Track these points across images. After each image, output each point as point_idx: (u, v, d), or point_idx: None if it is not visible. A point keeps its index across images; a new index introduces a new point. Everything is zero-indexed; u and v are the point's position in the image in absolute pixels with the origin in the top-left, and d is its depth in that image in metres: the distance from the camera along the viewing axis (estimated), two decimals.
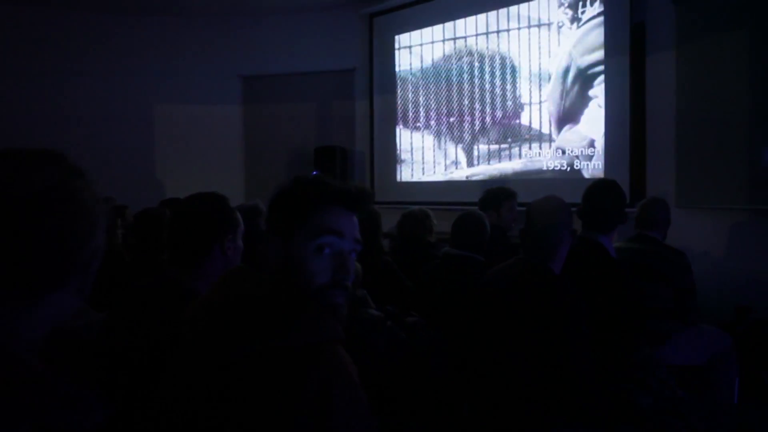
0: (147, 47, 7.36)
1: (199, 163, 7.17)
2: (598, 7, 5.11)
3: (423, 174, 6.45)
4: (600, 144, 5.09)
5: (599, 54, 5.10)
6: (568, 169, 5.25)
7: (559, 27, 5.34)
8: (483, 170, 5.87)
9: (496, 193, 3.58)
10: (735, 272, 4.20)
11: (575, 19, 5.25)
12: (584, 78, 5.20)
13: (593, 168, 5.13)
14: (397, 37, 6.66)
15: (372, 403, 1.79)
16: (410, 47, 6.53)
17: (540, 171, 5.44)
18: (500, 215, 2.95)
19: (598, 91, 5.11)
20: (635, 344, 2.08)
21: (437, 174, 6.31)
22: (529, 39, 5.54)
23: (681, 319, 2.85)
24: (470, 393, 1.92)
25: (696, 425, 1.84)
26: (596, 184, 2.41)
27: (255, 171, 7.31)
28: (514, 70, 5.66)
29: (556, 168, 5.34)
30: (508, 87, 5.71)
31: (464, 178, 5.96)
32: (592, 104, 5.17)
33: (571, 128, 5.28)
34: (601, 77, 5.09)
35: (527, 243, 1.87)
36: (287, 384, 0.94)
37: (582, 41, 5.21)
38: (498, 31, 5.76)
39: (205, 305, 1.08)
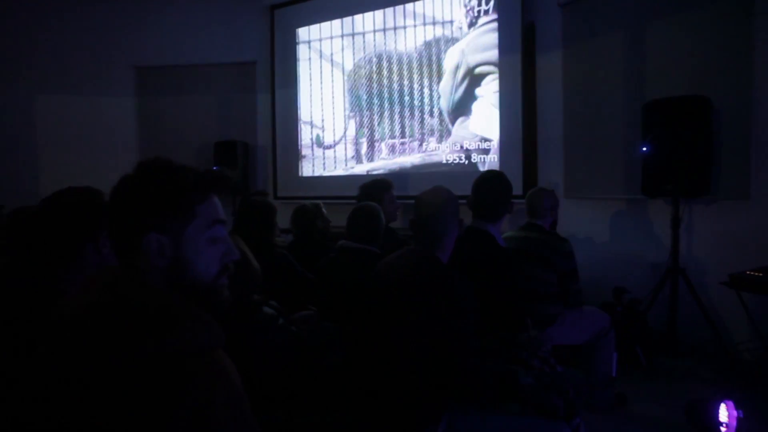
0: (29, 31, 6.78)
1: (87, 160, 6.72)
2: (494, 7, 5.32)
3: (324, 169, 6.45)
4: (496, 138, 5.32)
5: (493, 53, 5.32)
6: (466, 162, 5.45)
7: (452, 24, 5.52)
8: (383, 165, 5.96)
9: (374, 186, 3.52)
10: (614, 256, 4.56)
11: (472, 19, 5.44)
12: (478, 75, 5.41)
13: (489, 161, 5.35)
14: (298, 30, 6.58)
15: (267, 400, 1.78)
16: (309, 42, 6.48)
17: (439, 165, 5.60)
18: (383, 208, 2.94)
19: (493, 87, 5.33)
20: (520, 327, 2.20)
21: (338, 169, 6.33)
22: (425, 36, 5.68)
23: (565, 302, 3.05)
24: (365, 383, 1.95)
25: (574, 398, 1.99)
26: (483, 176, 2.52)
27: None
28: (411, 66, 5.78)
29: (454, 162, 5.52)
30: (405, 83, 5.82)
31: (365, 173, 6.02)
32: (487, 101, 5.38)
33: (466, 123, 5.47)
34: (495, 75, 5.31)
35: (416, 233, 1.93)
36: (159, 399, 0.86)
37: (477, 40, 5.41)
38: (395, 28, 5.85)
39: (65, 311, 0.97)
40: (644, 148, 3.95)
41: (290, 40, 6.65)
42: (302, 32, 6.55)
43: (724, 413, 2.79)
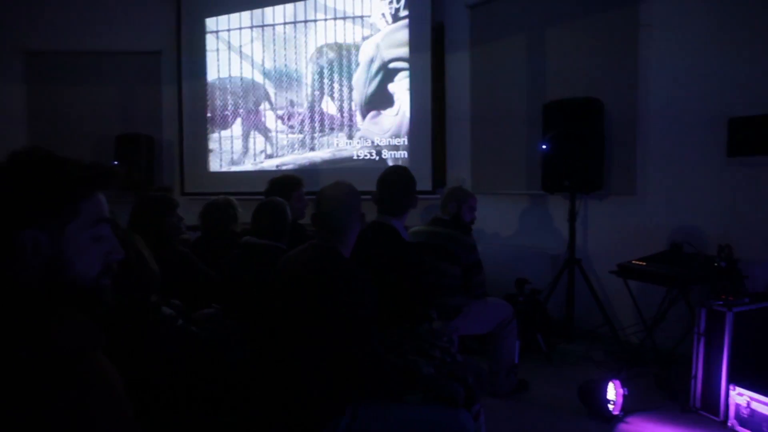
0: None
1: None
2: (405, 5, 5.40)
3: (233, 164, 6.30)
4: (406, 135, 5.41)
5: (406, 50, 5.40)
6: (377, 158, 5.51)
7: (363, 20, 5.55)
8: (293, 159, 5.91)
9: (283, 182, 3.42)
10: (518, 249, 4.78)
11: (386, 15, 5.49)
12: (392, 71, 5.48)
13: (399, 157, 5.44)
14: (206, 20, 6.37)
15: (169, 400, 1.72)
16: (218, 32, 6.29)
17: (349, 159, 5.62)
18: (290, 205, 2.87)
19: (405, 84, 5.42)
20: (425, 319, 2.26)
21: (247, 164, 6.20)
22: (336, 30, 5.67)
23: (469, 294, 3.16)
24: (270, 379, 1.93)
25: (473, 385, 2.07)
26: (388, 171, 2.56)
27: None
28: (322, 60, 5.75)
29: (365, 157, 5.57)
30: (316, 77, 5.79)
31: (274, 167, 5.93)
32: (398, 97, 5.46)
33: (378, 119, 5.54)
34: (406, 72, 5.40)
35: (318, 228, 1.93)
36: (30, 403, 0.81)
37: (391, 36, 5.47)
38: (306, 21, 5.81)
39: None
40: (544, 147, 4.17)
41: (198, 29, 6.42)
42: (210, 22, 6.34)
43: (611, 392, 3.02)
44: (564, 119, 4.10)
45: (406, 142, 5.41)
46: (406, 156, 5.41)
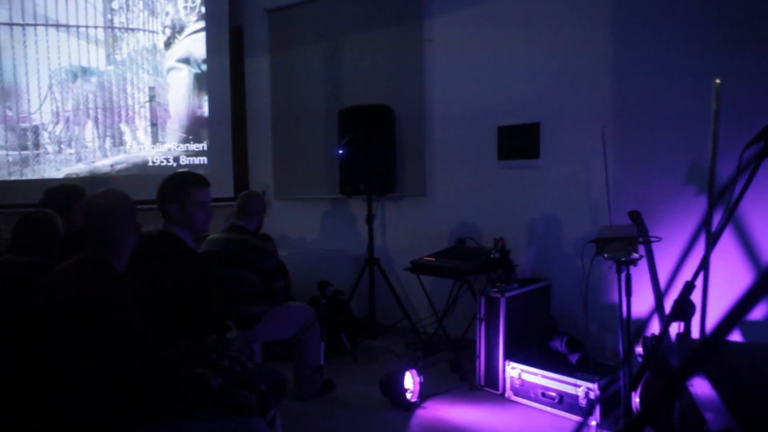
0: None
1: None
2: (200, 9, 5.18)
3: (9, 174, 5.46)
4: (206, 141, 5.19)
5: (204, 55, 5.18)
6: (175, 165, 5.20)
7: (164, 25, 5.22)
8: (84, 168, 5.30)
9: (61, 193, 2.98)
10: (323, 252, 4.87)
11: (183, 20, 5.20)
12: (191, 77, 5.22)
13: (199, 163, 5.20)
14: None
15: None
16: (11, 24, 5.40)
17: (144, 166, 5.23)
18: (71, 219, 2.52)
19: (204, 89, 5.20)
20: (214, 329, 2.17)
21: (28, 173, 5.42)
22: (137, 35, 5.24)
23: (270, 300, 3.13)
24: (32, 407, 1.69)
25: (267, 391, 2.05)
26: (163, 181, 2.41)
27: None
28: (123, 64, 5.27)
29: (162, 164, 5.22)
30: (113, 80, 5.29)
31: (62, 176, 5.28)
32: (198, 103, 5.22)
33: (177, 125, 5.23)
34: (206, 77, 5.19)
35: (86, 240, 1.74)
36: None
37: (187, 42, 5.20)
38: (105, 27, 5.26)
39: None
40: (340, 152, 4.31)
41: None
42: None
43: (409, 381, 3.21)
44: (359, 125, 4.28)
45: (205, 148, 5.19)
46: (206, 161, 5.20)
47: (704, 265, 1.75)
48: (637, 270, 2.63)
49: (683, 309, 1.50)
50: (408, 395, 3.19)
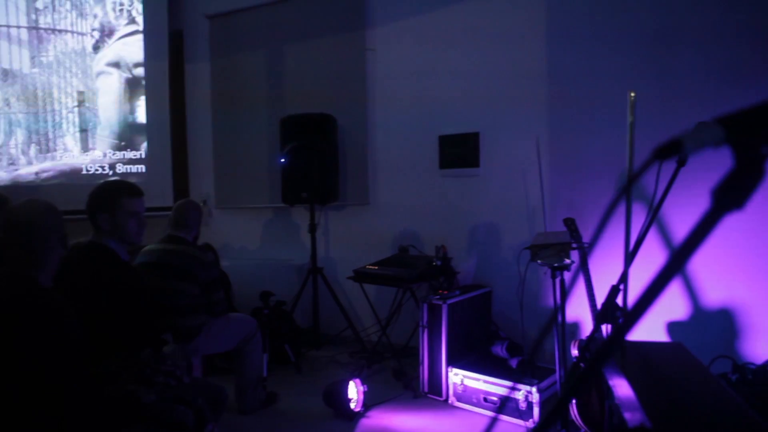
0: None
1: None
2: (139, 14, 5.03)
3: None
4: (144, 148, 5.04)
5: (141, 60, 5.03)
6: (110, 172, 5.01)
7: (98, 29, 5.03)
8: (6, 176, 5.02)
9: None
10: (266, 262, 4.80)
11: (118, 25, 5.03)
12: (126, 83, 5.05)
13: (136, 171, 5.04)
14: None
15: None
16: None
17: (75, 174, 4.99)
18: None
19: (142, 96, 5.04)
20: (149, 344, 2.10)
21: None
22: (70, 38, 5.03)
23: (210, 312, 3.05)
24: None
25: (203, 406, 2.00)
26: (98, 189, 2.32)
27: None
28: (53, 68, 5.03)
29: (96, 171, 5.02)
30: (44, 84, 5.04)
31: None
32: (134, 109, 5.06)
33: (112, 131, 5.05)
34: (143, 84, 5.04)
35: (8, 253, 1.65)
36: None
37: (124, 47, 5.04)
38: (29, 27, 5.01)
39: None
40: (282, 160, 4.27)
41: None
42: None
43: (353, 390, 3.20)
44: (301, 133, 4.25)
45: (143, 155, 5.03)
46: (143, 170, 5.03)
47: (627, 266, 1.83)
48: (579, 274, 2.73)
49: (609, 311, 1.57)
50: (352, 405, 3.17)
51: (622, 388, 1.12)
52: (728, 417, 0.95)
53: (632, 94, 1.98)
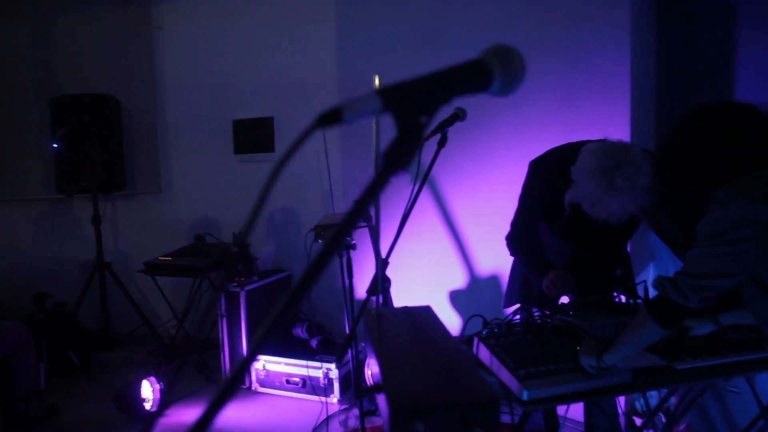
0: None
1: None
2: None
3: None
4: None
5: None
6: None
7: None
8: None
9: None
10: (42, 261, 4.27)
11: None
12: None
13: None
14: None
15: None
16: None
17: None
18: None
19: None
20: None
21: None
22: None
23: None
24: None
25: None
26: None
27: None
28: None
29: None
30: None
31: None
32: None
33: None
34: None
35: None
36: None
37: None
38: None
39: None
40: (55, 145, 3.80)
41: None
42: None
43: (147, 389, 3.01)
44: (77, 116, 3.81)
45: None
46: None
47: (393, 244, 1.99)
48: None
49: (377, 284, 1.70)
50: (147, 405, 3.00)
51: (372, 366, 1.21)
52: (447, 373, 1.09)
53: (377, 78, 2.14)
